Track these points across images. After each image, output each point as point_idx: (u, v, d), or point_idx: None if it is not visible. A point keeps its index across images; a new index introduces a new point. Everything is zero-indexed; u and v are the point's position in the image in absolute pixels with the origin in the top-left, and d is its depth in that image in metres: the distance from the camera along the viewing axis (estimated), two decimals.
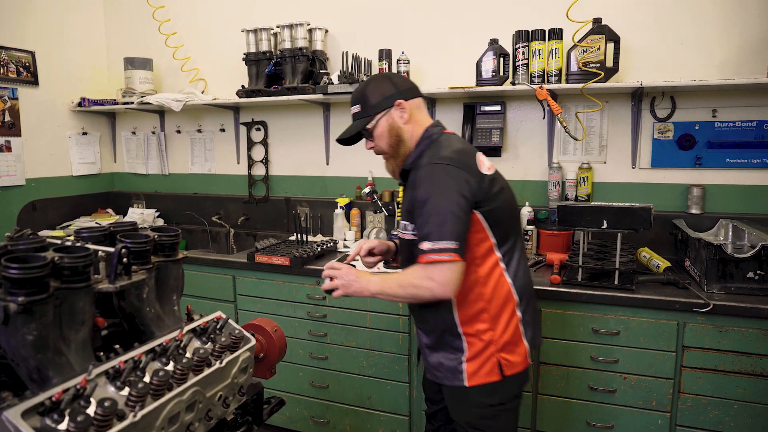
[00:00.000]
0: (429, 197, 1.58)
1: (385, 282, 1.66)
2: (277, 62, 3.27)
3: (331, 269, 1.74)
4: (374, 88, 1.76)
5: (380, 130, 1.74)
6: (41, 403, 0.93)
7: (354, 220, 3.28)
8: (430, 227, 1.56)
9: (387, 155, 1.79)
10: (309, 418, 2.85)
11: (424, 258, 1.56)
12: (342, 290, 1.70)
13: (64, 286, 1.02)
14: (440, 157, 1.63)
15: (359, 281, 1.68)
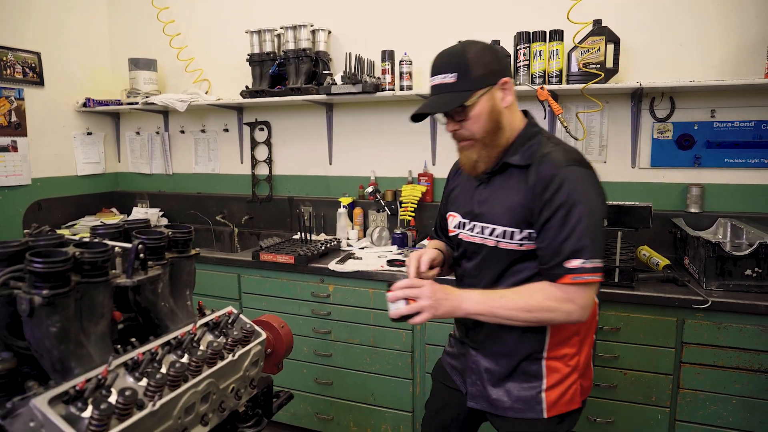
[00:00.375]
0: (576, 205, 1.34)
1: (492, 301, 1.40)
2: (280, 63, 3.31)
3: (409, 288, 1.42)
4: (477, 56, 1.41)
5: (479, 110, 1.42)
6: (66, 392, 0.96)
7: (357, 219, 3.31)
8: (584, 242, 1.33)
9: (473, 142, 1.47)
10: (313, 415, 2.89)
11: (572, 278, 1.34)
12: (428, 313, 1.39)
13: (85, 281, 1.06)
14: (577, 159, 1.42)
15: (450, 299, 1.41)
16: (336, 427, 2.85)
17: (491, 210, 1.50)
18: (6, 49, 3.51)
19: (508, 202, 1.46)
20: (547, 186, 1.38)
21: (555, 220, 1.36)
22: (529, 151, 1.46)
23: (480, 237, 1.54)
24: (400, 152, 3.34)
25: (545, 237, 1.39)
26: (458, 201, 1.65)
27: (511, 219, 1.45)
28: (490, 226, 1.50)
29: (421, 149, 3.29)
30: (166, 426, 1.07)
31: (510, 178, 1.48)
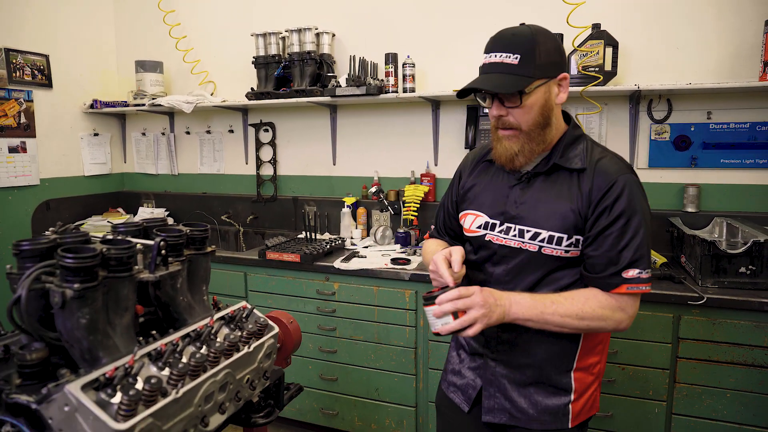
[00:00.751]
0: (635, 214, 1.34)
1: (544, 306, 1.34)
2: (285, 65, 3.37)
3: (461, 299, 1.29)
4: (544, 43, 1.33)
5: (534, 100, 1.34)
6: (96, 379, 1.03)
7: (360, 218, 3.38)
8: (642, 252, 1.34)
9: (518, 133, 1.39)
10: (318, 410, 2.95)
11: (628, 287, 1.34)
12: (481, 324, 1.29)
13: (111, 275, 1.12)
14: (629, 167, 1.41)
15: (500, 304, 1.33)
16: (341, 422, 2.91)
17: (534, 213, 1.42)
18: (16, 52, 3.58)
19: (558, 207, 1.39)
20: (606, 193, 1.35)
21: (614, 229, 1.34)
22: (581, 154, 1.41)
23: (517, 241, 1.44)
24: (403, 153, 3.40)
25: (602, 245, 1.35)
26: (481, 200, 1.54)
27: (562, 224, 1.38)
28: (532, 230, 1.41)
29: (424, 150, 3.35)
30: (188, 413, 1.14)
31: (558, 181, 1.42)
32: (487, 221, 1.50)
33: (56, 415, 0.99)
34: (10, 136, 3.57)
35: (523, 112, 1.35)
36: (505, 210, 1.47)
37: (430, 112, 3.31)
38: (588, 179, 1.38)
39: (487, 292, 1.31)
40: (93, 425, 0.96)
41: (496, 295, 1.33)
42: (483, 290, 1.31)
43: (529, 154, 1.40)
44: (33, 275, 1.09)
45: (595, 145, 1.45)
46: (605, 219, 1.35)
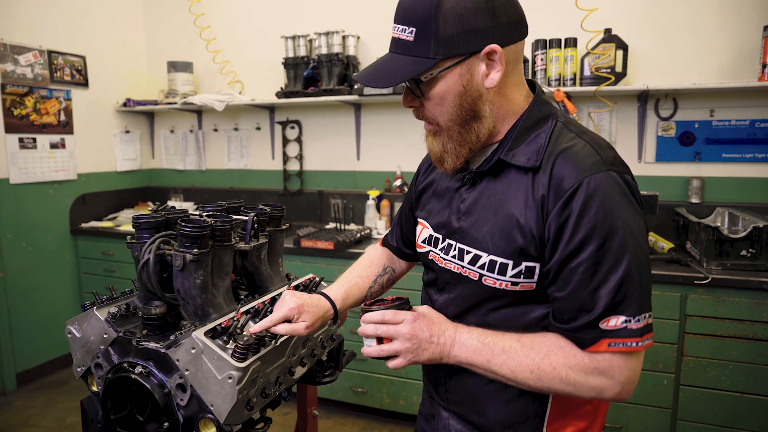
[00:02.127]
0: (615, 232, 0.91)
1: (492, 353, 1.01)
2: (314, 66, 3.58)
3: (385, 325, 1.06)
4: (454, 7, 0.94)
5: (443, 88, 0.99)
6: (214, 328, 1.24)
7: (384, 210, 3.59)
8: (628, 289, 0.91)
9: (438, 129, 1.05)
10: (348, 389, 3.16)
11: (610, 344, 0.92)
12: (405, 359, 1.05)
13: (217, 244, 1.33)
14: (609, 160, 0.97)
15: (437, 342, 1.05)
16: (370, 399, 3.12)
17: (476, 228, 1.07)
18: (57, 53, 3.78)
19: (501, 219, 1.02)
20: (567, 202, 0.93)
21: (583, 257, 0.92)
22: (536, 143, 1.01)
23: (457, 264, 1.10)
24: (424, 148, 3.60)
25: (567, 282, 0.95)
26: (430, 206, 1.23)
27: (504, 245, 1.01)
28: (472, 251, 1.06)
29: None
30: (281, 362, 1.35)
31: (509, 183, 1.04)
32: (431, 235, 1.19)
33: (183, 357, 1.20)
34: (51, 132, 3.78)
35: (432, 104, 1.01)
36: (448, 221, 1.14)
37: None
38: (543, 182, 0.98)
39: (422, 324, 1.05)
40: (217, 364, 1.17)
41: (436, 329, 1.05)
42: (418, 319, 1.05)
43: (456, 156, 1.05)
44: (156, 242, 1.30)
45: (567, 130, 1.03)
46: (567, 242, 0.94)
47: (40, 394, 3.60)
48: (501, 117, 1.05)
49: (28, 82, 3.64)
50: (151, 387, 1.21)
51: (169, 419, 1.20)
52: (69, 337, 1.38)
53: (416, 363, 1.06)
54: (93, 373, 1.35)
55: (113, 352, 1.31)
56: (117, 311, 1.34)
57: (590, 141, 1.00)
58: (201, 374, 1.18)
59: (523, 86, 1.07)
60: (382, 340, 1.06)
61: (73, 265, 4.00)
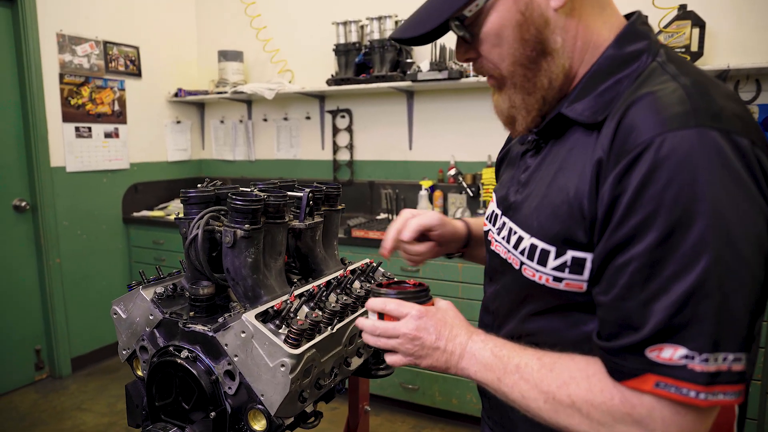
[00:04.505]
0: (691, 221, 0.62)
1: (505, 371, 0.79)
2: (366, 52, 3.47)
3: (382, 323, 0.90)
4: None
5: (495, 23, 0.79)
6: (266, 311, 1.13)
7: (437, 201, 3.44)
8: (694, 311, 0.62)
9: (502, 81, 0.84)
10: (398, 385, 3.03)
11: (657, 384, 0.64)
12: (405, 358, 0.89)
13: (270, 221, 1.22)
14: (712, 112, 0.66)
15: (443, 348, 0.85)
16: (421, 396, 2.99)
17: (528, 202, 0.86)
18: (112, 44, 3.81)
19: (553, 192, 0.80)
20: (628, 168, 0.67)
21: (636, 251, 0.66)
22: (612, 92, 0.76)
23: (504, 248, 0.91)
24: (480, 137, 3.45)
25: (611, 283, 0.69)
26: (503, 177, 1.05)
27: (548, 225, 0.79)
28: (518, 232, 0.86)
29: (501, 134, 3.37)
30: (336, 351, 1.23)
31: (570, 143, 0.81)
32: (492, 211, 1.00)
33: (232, 341, 1.09)
34: (105, 122, 3.81)
35: (488, 47, 0.82)
36: (507, 194, 0.94)
37: None
38: (604, 140, 0.72)
39: (429, 323, 0.86)
40: (268, 350, 1.06)
41: (446, 332, 0.86)
42: (425, 317, 0.87)
43: (526, 112, 0.84)
44: (205, 218, 1.20)
45: (661, 70, 0.74)
46: (618, 226, 0.68)
47: (93, 380, 3.63)
48: (578, 53, 0.80)
49: (85, 72, 3.67)
50: (198, 373, 1.11)
51: (216, 408, 1.10)
52: (114, 318, 1.30)
53: (416, 365, 0.89)
54: (138, 357, 1.27)
55: (159, 334, 1.22)
56: (164, 291, 1.25)
57: (692, 84, 0.69)
58: (251, 361, 1.07)
59: (608, 10, 0.82)
60: None
61: (124, 253, 4.03)
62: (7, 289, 3.39)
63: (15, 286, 3.43)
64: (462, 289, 2.80)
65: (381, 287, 0.94)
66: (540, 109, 0.83)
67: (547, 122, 0.84)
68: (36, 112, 3.39)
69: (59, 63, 3.51)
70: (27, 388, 3.53)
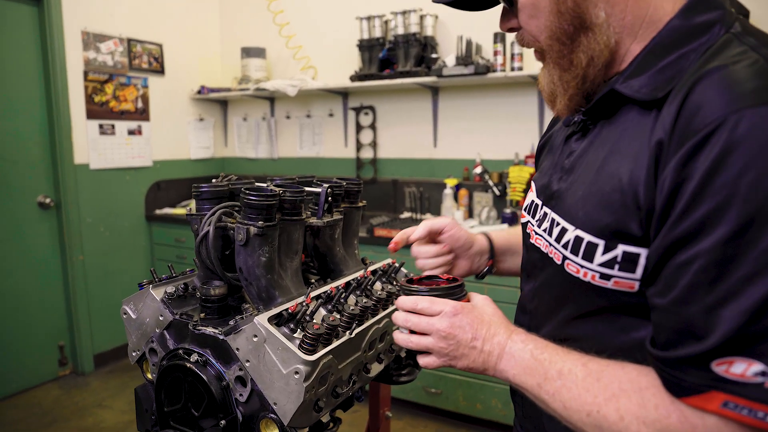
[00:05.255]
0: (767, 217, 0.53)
1: (546, 377, 0.71)
2: (390, 47, 3.39)
3: (414, 315, 0.82)
4: None
5: None
6: (280, 314, 1.06)
7: (462, 200, 3.35)
8: None
9: (541, 53, 0.80)
10: (421, 389, 2.95)
11: (727, 403, 0.55)
12: (439, 359, 0.81)
13: (286, 218, 1.15)
14: None
15: (480, 348, 0.78)
16: (445, 401, 2.90)
17: (572, 190, 0.78)
18: (135, 41, 3.80)
19: (603, 178, 0.71)
20: (695, 150, 0.57)
21: (703, 247, 0.57)
22: (676, 67, 0.66)
23: (546, 241, 0.82)
24: (506, 135, 3.34)
25: (670, 283, 0.60)
26: (543, 164, 0.95)
27: (597, 215, 0.70)
28: (561, 223, 0.77)
29: (528, 131, 3.28)
30: (355, 357, 1.15)
31: (623, 124, 0.72)
32: (532, 201, 0.92)
33: (243, 345, 1.03)
34: (128, 119, 3.80)
35: (525, 17, 0.76)
36: (549, 182, 0.86)
37: (536, 92, 3.23)
38: (667, 119, 0.62)
39: (465, 320, 0.78)
40: (281, 356, 0.98)
41: (483, 330, 0.78)
42: (460, 314, 0.79)
43: (564, 88, 0.76)
44: (217, 213, 1.13)
45: (737, 42, 0.63)
46: (681, 217, 0.59)
47: (114, 377, 3.63)
48: (629, 28, 0.72)
49: (108, 69, 3.67)
50: (207, 378, 1.05)
51: (227, 416, 1.03)
52: (124, 318, 1.24)
53: (451, 366, 0.82)
54: (148, 359, 1.21)
55: (169, 336, 1.16)
56: (174, 291, 1.19)
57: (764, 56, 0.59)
58: (263, 367, 1.00)
59: None
60: None
61: (147, 250, 4.02)
62: (31, 285, 3.41)
63: (39, 282, 3.45)
64: (488, 290, 2.70)
65: (412, 283, 0.87)
66: (579, 87, 0.76)
67: (597, 100, 0.75)
68: (60, 109, 3.39)
69: (83, 60, 3.52)
70: (50, 383, 3.54)
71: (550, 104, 0.82)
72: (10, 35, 3.22)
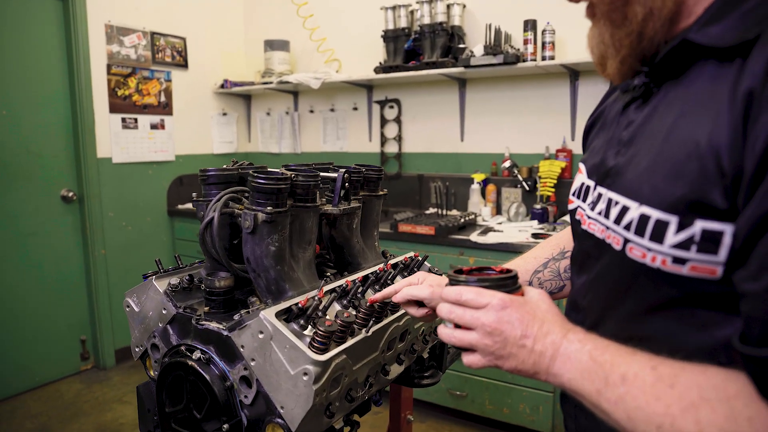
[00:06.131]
0: None
1: (606, 382, 0.60)
2: (416, 38, 3.28)
3: (459, 307, 0.72)
4: None
5: None
6: (289, 309, 0.97)
7: (490, 196, 3.22)
8: None
9: (592, 10, 0.69)
10: (446, 391, 2.83)
11: None
12: (485, 358, 0.70)
13: (298, 204, 1.06)
14: None
15: (530, 348, 0.67)
16: (470, 404, 2.78)
17: (633, 163, 0.67)
18: (159, 35, 3.77)
19: (673, 146, 0.61)
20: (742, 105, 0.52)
21: None
22: (764, 8, 0.56)
23: (601, 225, 0.72)
24: (536, 128, 3.20)
25: (765, 264, 0.50)
26: (594, 143, 0.84)
27: (667, 187, 0.60)
28: (621, 201, 0.67)
29: (559, 124, 3.13)
30: (372, 357, 1.05)
31: (696, 83, 0.61)
32: (582, 183, 0.81)
33: (248, 342, 0.93)
34: (151, 113, 3.77)
35: None
36: (604, 159, 0.75)
37: (567, 84, 3.08)
38: (756, 67, 0.53)
39: (514, 315, 0.68)
40: (289, 355, 0.89)
41: (534, 327, 0.67)
42: (509, 308, 0.68)
43: (615, 48, 0.67)
44: (223, 199, 1.04)
45: None
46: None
47: (135, 372, 3.60)
48: None
49: (132, 63, 3.64)
50: (210, 378, 0.96)
51: (230, 420, 0.94)
52: (127, 311, 1.16)
53: (497, 367, 0.71)
54: (150, 355, 1.13)
55: (172, 331, 1.08)
56: (178, 283, 1.10)
57: None
58: (269, 366, 0.91)
59: None
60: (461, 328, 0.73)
61: (169, 245, 3.99)
62: (54, 279, 3.40)
63: (62, 276, 3.44)
64: None
65: (460, 273, 0.77)
66: (633, 47, 0.65)
67: (665, 55, 0.63)
68: (84, 102, 3.37)
69: (107, 54, 3.49)
70: (72, 377, 3.53)
71: (599, 68, 0.71)
72: (35, 29, 3.21)
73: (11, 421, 3.02)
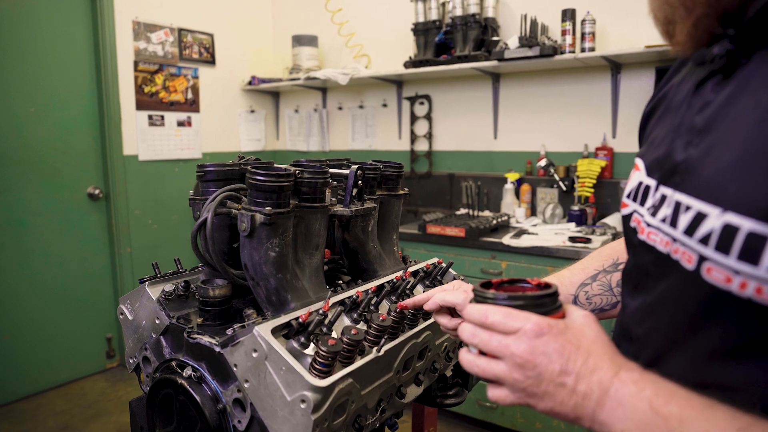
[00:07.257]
0: None
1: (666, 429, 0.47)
2: (447, 30, 3.14)
3: (485, 331, 0.58)
4: None
5: None
6: (288, 324, 0.85)
7: (524, 196, 3.05)
8: None
9: None
10: (475, 402, 2.68)
11: None
12: (513, 394, 0.57)
13: (304, 204, 0.94)
14: None
15: (570, 388, 0.53)
16: (500, 417, 2.62)
17: (713, 155, 0.52)
18: (186, 31, 3.72)
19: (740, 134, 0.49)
20: None
21: None
22: None
23: (665, 236, 0.57)
24: (574, 125, 3.01)
25: None
26: (655, 132, 0.68)
27: (765, 189, 0.46)
28: (694, 205, 0.52)
29: (599, 121, 2.94)
30: (385, 379, 0.92)
31: None
32: (640, 182, 0.66)
33: (242, 361, 0.82)
34: (178, 110, 3.73)
35: None
36: (670, 150, 0.60)
37: (608, 78, 2.89)
38: None
39: (552, 345, 0.55)
40: (285, 378, 0.77)
41: (578, 361, 0.54)
42: (547, 335, 0.55)
43: (686, 12, 0.53)
44: (218, 198, 0.93)
45: None
46: None
47: None
48: None
49: (159, 59, 3.60)
50: (201, 400, 0.85)
51: None
52: (120, 319, 1.07)
53: (526, 405, 0.56)
54: (143, 369, 1.03)
55: (165, 343, 0.98)
56: (173, 290, 1.00)
57: None
58: (264, 390, 0.79)
59: None
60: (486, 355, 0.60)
61: None
62: (81, 276, 3.38)
63: (88, 273, 3.42)
64: None
65: (488, 287, 0.64)
66: (711, 3, 0.50)
67: (761, 8, 0.48)
68: (110, 99, 3.34)
69: (134, 50, 3.46)
70: (98, 375, 3.52)
71: (665, 36, 0.57)
72: (62, 26, 3.19)
73: (36, 418, 3.01)
